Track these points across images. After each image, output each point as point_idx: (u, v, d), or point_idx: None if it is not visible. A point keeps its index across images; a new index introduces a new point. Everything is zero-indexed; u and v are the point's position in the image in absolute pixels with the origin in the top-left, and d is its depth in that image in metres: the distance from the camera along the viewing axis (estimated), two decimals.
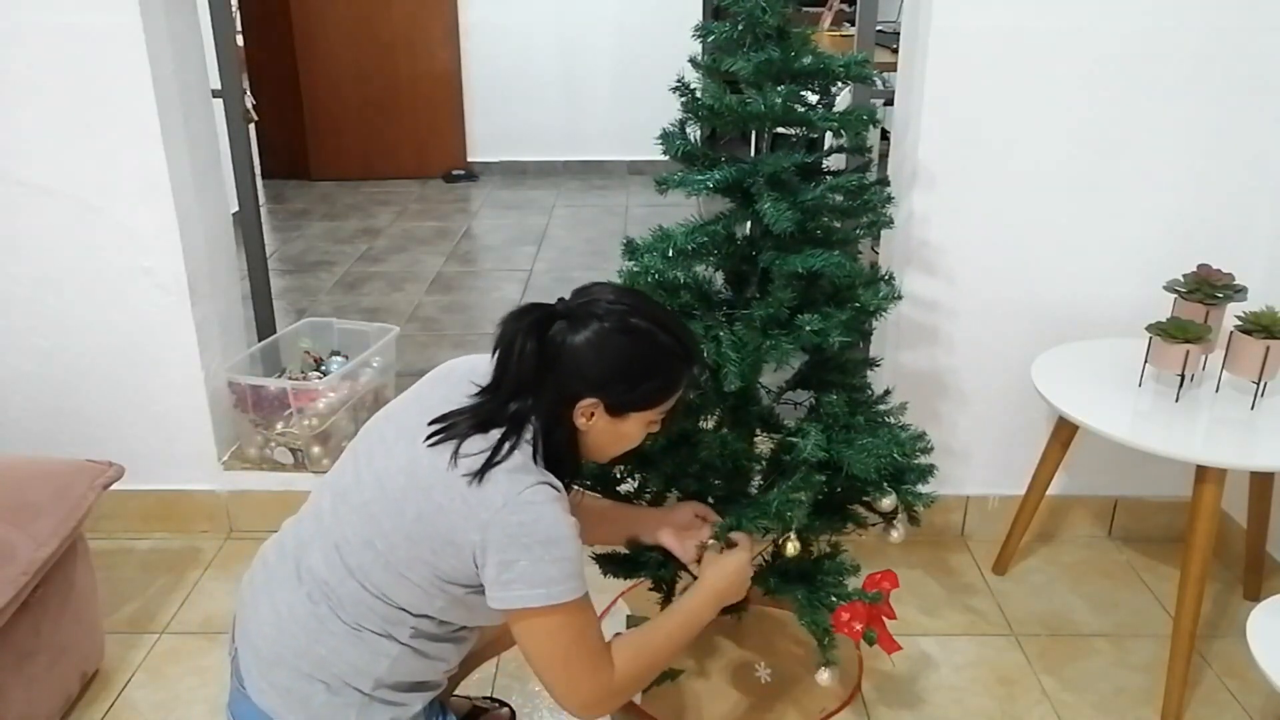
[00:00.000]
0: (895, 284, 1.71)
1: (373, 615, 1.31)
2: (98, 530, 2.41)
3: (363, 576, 1.30)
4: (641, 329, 1.32)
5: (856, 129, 1.62)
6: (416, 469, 1.29)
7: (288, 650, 1.33)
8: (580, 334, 1.30)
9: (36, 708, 1.76)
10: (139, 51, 2.05)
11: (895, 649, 1.68)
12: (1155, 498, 2.43)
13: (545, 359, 1.30)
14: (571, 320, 1.31)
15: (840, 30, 5.52)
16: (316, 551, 1.34)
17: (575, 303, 1.34)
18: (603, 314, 1.31)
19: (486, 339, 3.56)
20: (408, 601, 1.30)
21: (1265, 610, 1.51)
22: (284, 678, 1.33)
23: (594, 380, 1.31)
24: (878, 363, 1.95)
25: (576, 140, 6.23)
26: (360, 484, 1.34)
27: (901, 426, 1.72)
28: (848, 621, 1.64)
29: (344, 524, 1.33)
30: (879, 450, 1.61)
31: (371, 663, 1.32)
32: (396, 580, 1.29)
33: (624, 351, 1.32)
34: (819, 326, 1.58)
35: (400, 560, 1.28)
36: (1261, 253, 2.16)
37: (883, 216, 1.73)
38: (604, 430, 1.36)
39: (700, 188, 1.61)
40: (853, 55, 1.63)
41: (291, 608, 1.33)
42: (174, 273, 2.23)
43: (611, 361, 1.31)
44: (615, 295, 1.35)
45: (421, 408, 1.36)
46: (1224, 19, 2.01)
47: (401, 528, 1.27)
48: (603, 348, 1.30)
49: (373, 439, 1.39)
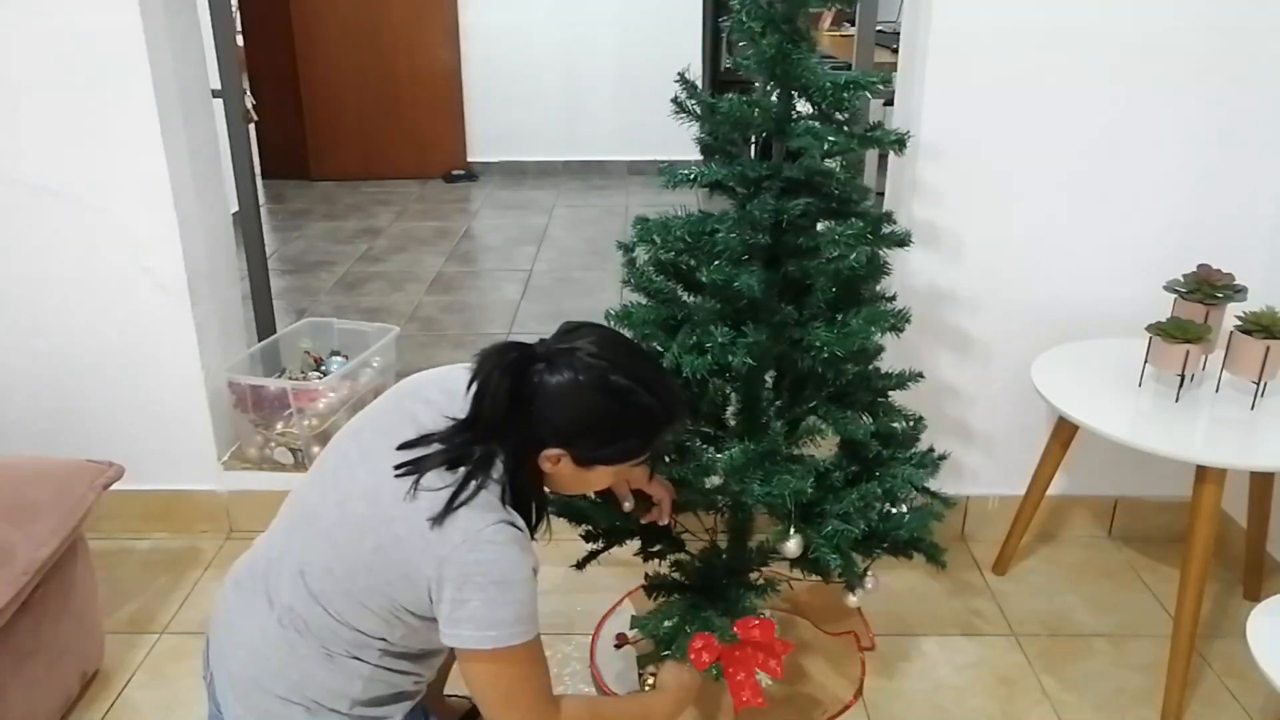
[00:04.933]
0: (905, 310, 1.69)
1: (339, 640, 1.29)
2: (98, 530, 2.41)
3: (326, 602, 1.28)
4: (620, 388, 1.27)
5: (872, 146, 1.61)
6: (379, 496, 1.26)
7: (263, 674, 1.31)
8: (554, 380, 1.26)
9: (36, 708, 1.75)
10: (139, 51, 2.05)
11: (746, 703, 1.62)
12: (1155, 498, 2.43)
13: (518, 400, 1.26)
14: (550, 365, 1.27)
15: (840, 30, 5.53)
16: (284, 576, 1.32)
17: (556, 346, 1.29)
18: (581, 367, 1.26)
19: (486, 339, 3.57)
20: (370, 628, 1.29)
21: (1265, 610, 1.51)
22: (261, 702, 1.31)
23: (562, 432, 1.27)
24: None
25: (576, 140, 6.22)
26: (324, 506, 1.32)
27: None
28: (699, 650, 1.62)
29: (307, 548, 1.31)
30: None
31: (346, 684, 1.31)
32: (358, 608, 1.27)
33: (597, 409, 1.27)
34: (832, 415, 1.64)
35: (359, 589, 1.26)
36: (1261, 253, 2.17)
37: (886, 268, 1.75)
38: (569, 475, 1.33)
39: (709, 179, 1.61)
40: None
41: (264, 632, 1.32)
42: (174, 273, 2.23)
43: (582, 417, 1.27)
44: (598, 348, 1.29)
45: (388, 427, 1.33)
46: (1224, 19, 2.01)
47: (360, 557, 1.26)
48: (575, 403, 1.26)
49: (339, 457, 1.36)
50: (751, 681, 1.63)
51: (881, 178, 2.48)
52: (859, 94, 1.54)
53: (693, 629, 1.65)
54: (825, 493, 1.67)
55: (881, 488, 1.69)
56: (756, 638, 1.62)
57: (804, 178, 1.61)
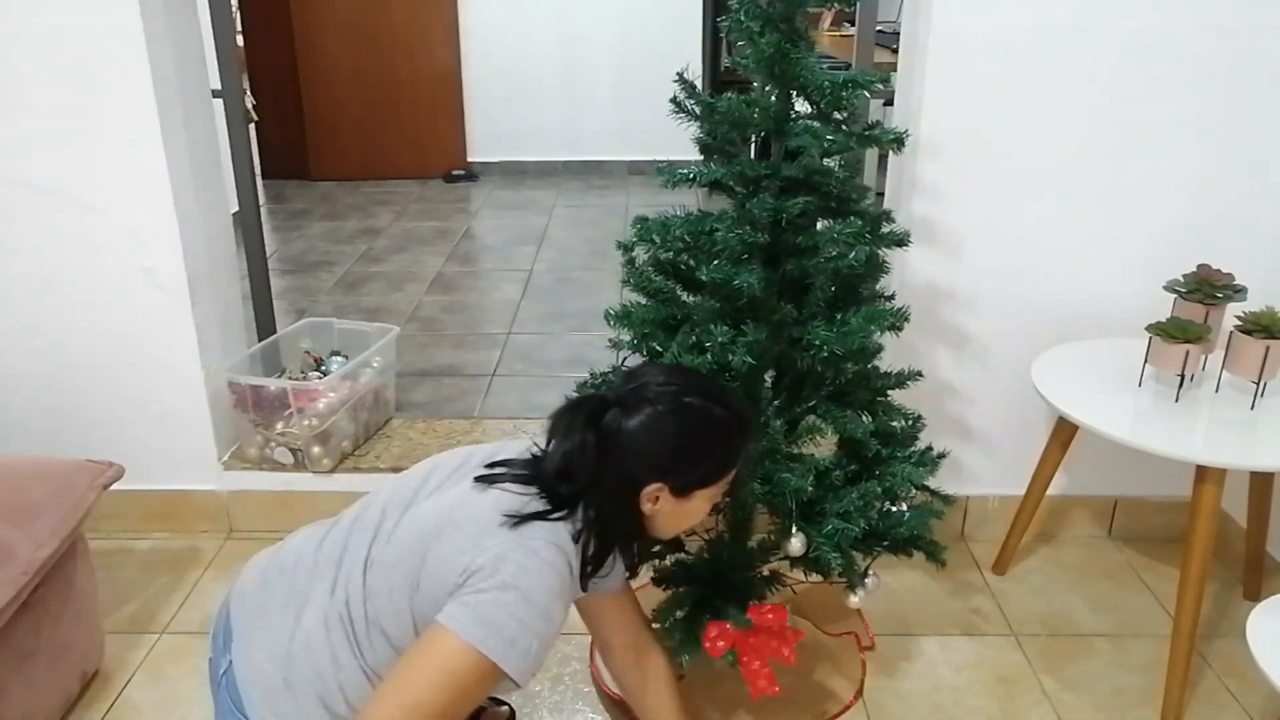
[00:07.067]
0: (904, 309, 1.69)
1: (378, 657, 1.30)
2: (98, 530, 2.41)
3: (369, 595, 1.30)
4: (695, 406, 1.32)
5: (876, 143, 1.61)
6: (453, 496, 1.31)
7: (304, 673, 1.30)
8: (635, 419, 1.30)
9: (36, 708, 1.76)
10: (139, 51, 2.06)
11: (762, 691, 1.63)
12: (1155, 498, 2.43)
13: (603, 449, 1.30)
14: (625, 407, 1.31)
15: (840, 30, 5.53)
16: (352, 587, 1.32)
17: (626, 389, 1.34)
18: (654, 397, 1.31)
19: (486, 339, 3.57)
20: (394, 632, 1.30)
21: (1265, 610, 1.51)
22: (290, 705, 1.30)
23: (657, 465, 1.31)
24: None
25: (576, 140, 6.22)
26: (392, 508, 1.35)
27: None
28: (714, 639, 1.62)
29: (367, 544, 1.33)
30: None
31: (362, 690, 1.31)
32: (390, 605, 1.28)
33: (682, 432, 1.32)
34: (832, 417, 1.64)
35: (399, 580, 1.28)
36: (1261, 253, 2.16)
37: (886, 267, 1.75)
38: (670, 512, 1.36)
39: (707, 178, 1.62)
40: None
41: (309, 633, 1.31)
42: (174, 273, 2.23)
43: (672, 443, 1.31)
44: (665, 376, 1.35)
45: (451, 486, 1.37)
46: (1225, 19, 2.01)
47: (416, 542, 1.28)
48: (661, 431, 1.31)
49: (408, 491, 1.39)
50: (767, 670, 1.64)
51: (881, 177, 2.48)
52: (857, 93, 1.55)
53: (707, 617, 1.65)
54: (825, 491, 1.67)
55: (881, 486, 1.69)
56: (770, 623, 1.63)
57: (803, 177, 1.61)
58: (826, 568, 1.64)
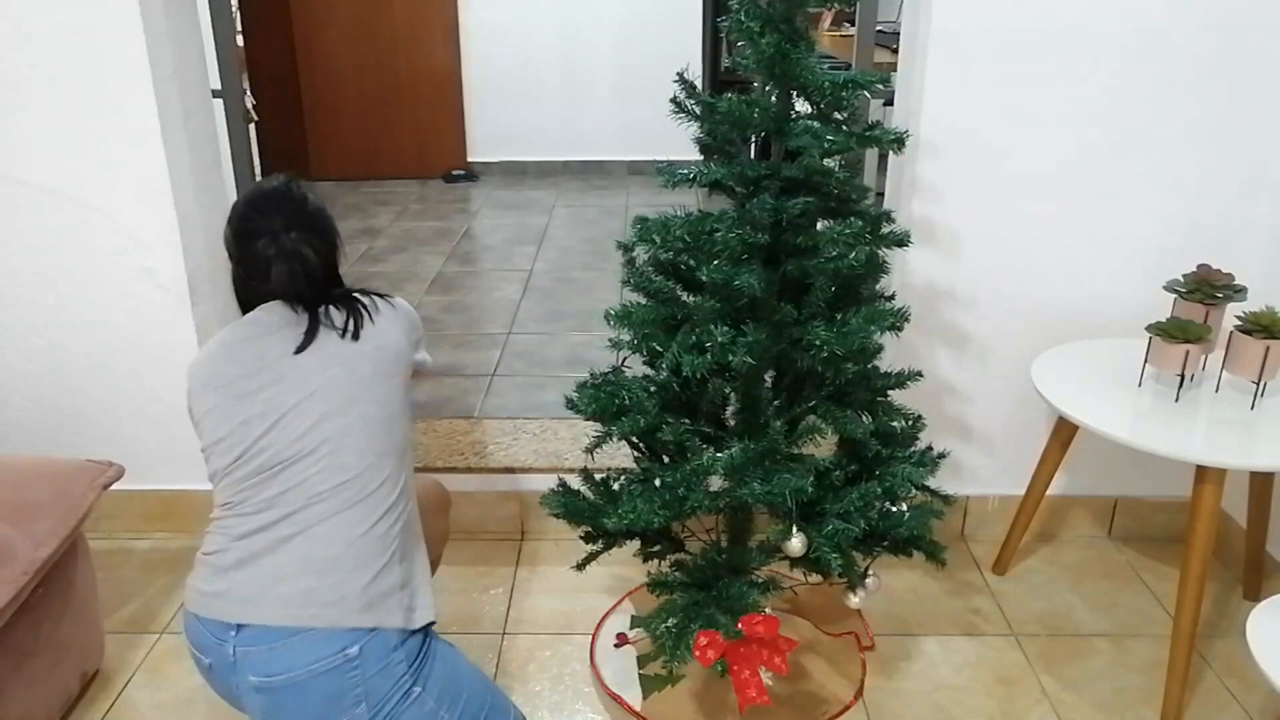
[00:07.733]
0: (904, 309, 1.69)
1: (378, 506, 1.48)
2: (98, 530, 2.41)
3: (358, 458, 1.47)
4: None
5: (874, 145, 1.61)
6: (330, 360, 1.49)
7: (365, 563, 1.44)
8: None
9: (36, 708, 1.76)
10: (139, 51, 2.05)
11: (751, 700, 1.62)
12: (1155, 498, 2.43)
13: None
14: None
15: (840, 30, 5.53)
16: (319, 476, 1.46)
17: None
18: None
19: (486, 339, 3.57)
20: (389, 469, 1.49)
21: (1265, 610, 1.51)
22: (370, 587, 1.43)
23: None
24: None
25: (576, 140, 6.22)
26: (300, 414, 1.47)
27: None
28: (704, 648, 1.62)
29: (320, 439, 1.46)
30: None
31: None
32: (373, 443, 1.47)
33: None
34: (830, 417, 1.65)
35: (373, 416, 1.48)
36: (1261, 253, 2.17)
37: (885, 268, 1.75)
38: None
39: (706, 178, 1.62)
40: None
41: (352, 530, 1.45)
42: (174, 273, 2.23)
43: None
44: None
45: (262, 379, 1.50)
46: (1225, 19, 2.01)
47: (362, 391, 1.48)
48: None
49: (245, 411, 1.48)
50: (756, 680, 1.63)
51: (881, 177, 2.48)
52: (857, 93, 1.55)
53: (696, 626, 1.65)
54: (825, 491, 1.67)
55: (881, 486, 1.69)
56: (761, 634, 1.62)
57: (803, 177, 1.61)
58: (826, 568, 1.64)
